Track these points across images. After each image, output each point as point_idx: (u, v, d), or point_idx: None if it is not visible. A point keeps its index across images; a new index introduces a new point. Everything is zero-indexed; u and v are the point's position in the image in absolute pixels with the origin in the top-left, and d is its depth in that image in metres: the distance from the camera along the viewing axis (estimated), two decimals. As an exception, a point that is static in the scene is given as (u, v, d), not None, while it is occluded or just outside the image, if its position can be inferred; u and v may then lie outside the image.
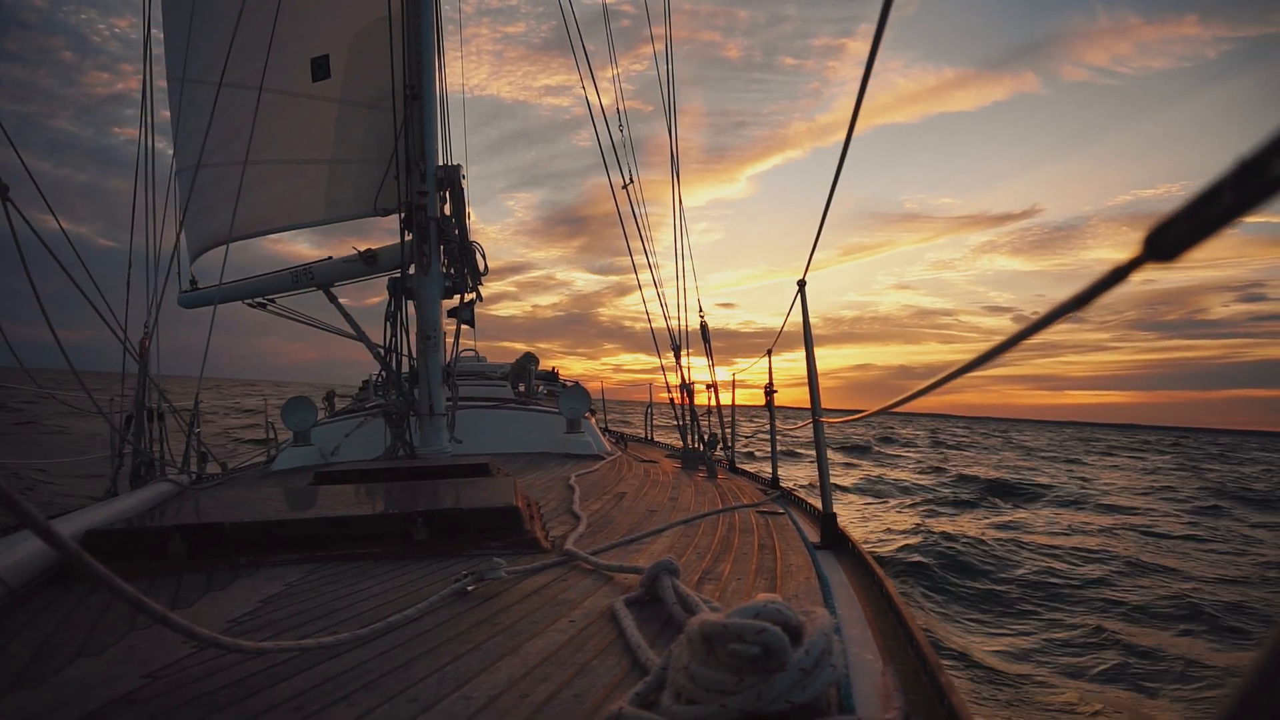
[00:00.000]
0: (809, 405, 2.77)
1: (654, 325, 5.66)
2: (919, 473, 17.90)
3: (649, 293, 5.74)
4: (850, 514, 10.81)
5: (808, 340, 2.82)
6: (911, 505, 12.23)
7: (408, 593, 1.87)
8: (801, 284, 2.84)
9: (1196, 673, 4.93)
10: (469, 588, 1.83)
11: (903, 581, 6.80)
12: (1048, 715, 4.31)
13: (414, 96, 5.02)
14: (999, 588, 7.00)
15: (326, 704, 1.21)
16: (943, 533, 8.95)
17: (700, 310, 6.25)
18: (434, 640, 1.51)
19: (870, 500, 12.87)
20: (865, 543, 4.38)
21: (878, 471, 17.46)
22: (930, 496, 13.38)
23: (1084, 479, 18.59)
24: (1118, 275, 0.42)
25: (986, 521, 10.76)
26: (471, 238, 5.45)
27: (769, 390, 4.42)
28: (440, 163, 5.30)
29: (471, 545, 2.34)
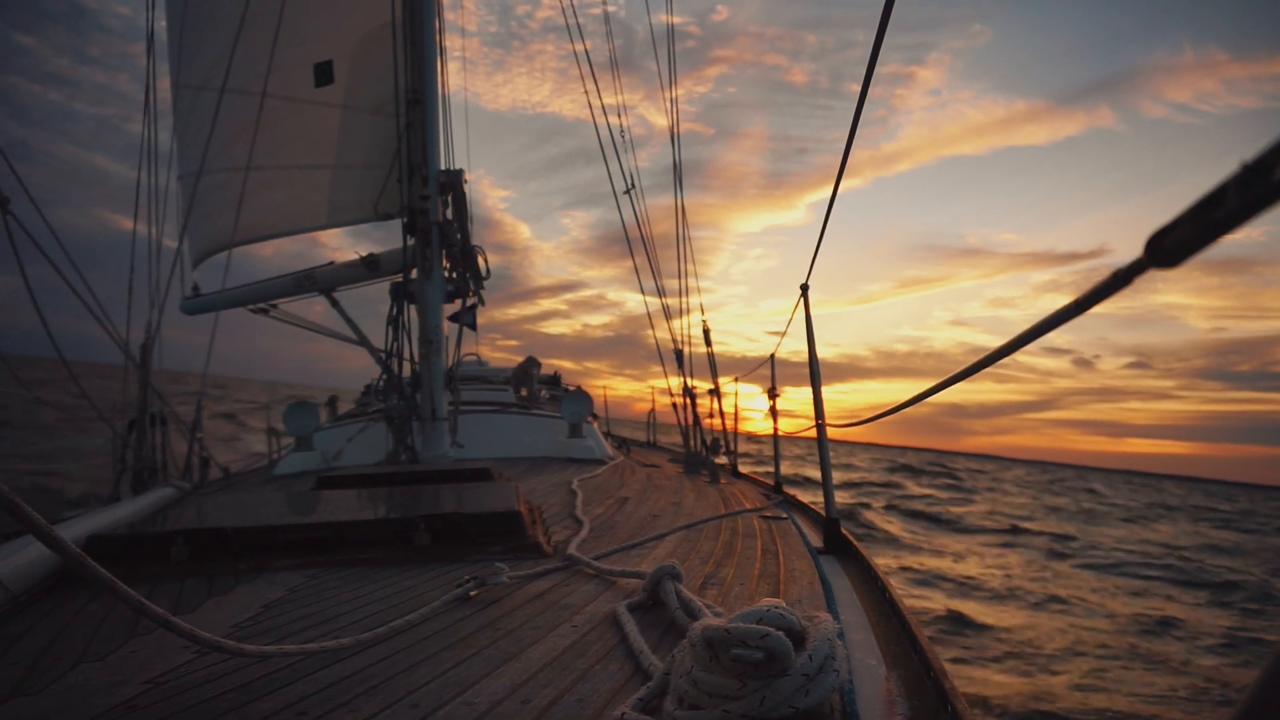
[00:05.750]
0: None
1: (659, 337, 5.69)
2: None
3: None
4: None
5: (810, 347, 2.82)
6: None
7: (410, 598, 1.87)
8: (804, 288, 2.84)
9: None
10: (471, 593, 1.83)
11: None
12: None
13: (416, 101, 5.04)
14: None
15: (328, 709, 1.20)
16: None
17: (702, 313, 6.28)
18: (436, 645, 1.50)
19: None
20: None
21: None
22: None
23: None
24: (1119, 280, 0.42)
25: None
26: (473, 242, 5.46)
27: (772, 394, 4.42)
28: (443, 167, 5.32)
29: (473, 550, 2.34)
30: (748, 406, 5.75)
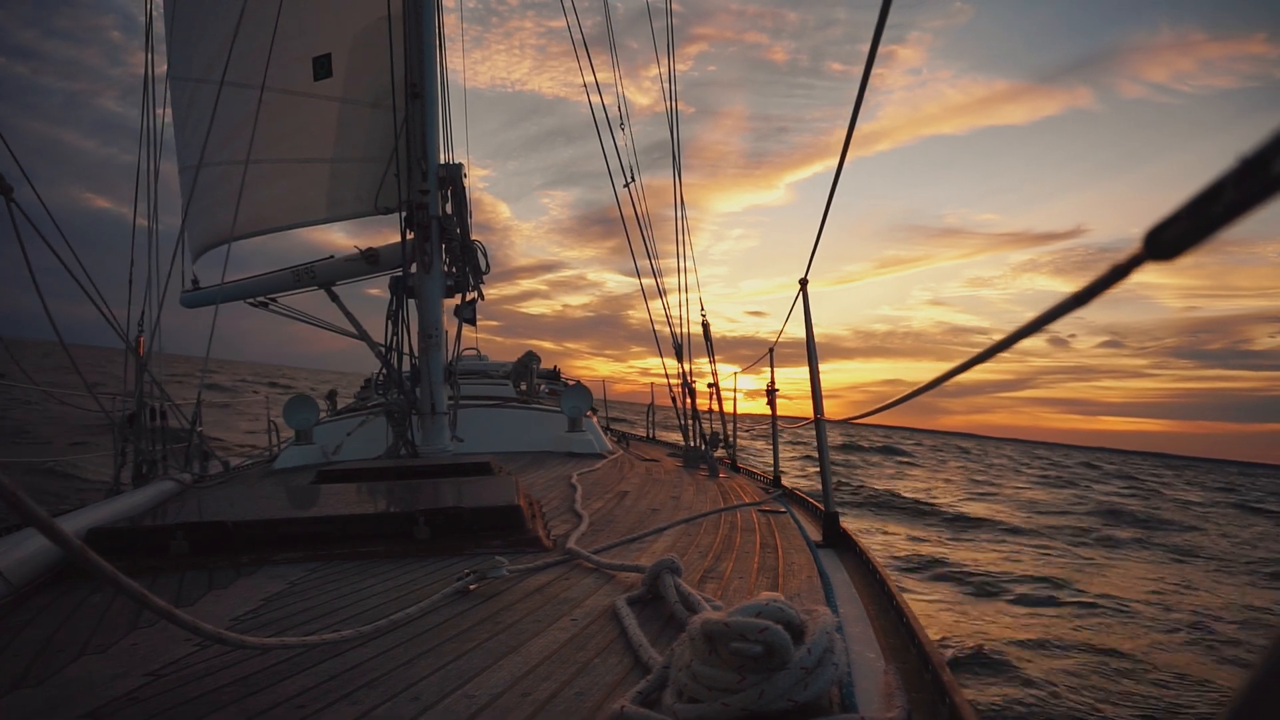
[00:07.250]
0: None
1: (656, 326, 5.68)
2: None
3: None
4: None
5: (809, 340, 2.82)
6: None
7: (410, 591, 1.87)
8: (803, 283, 2.84)
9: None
10: (471, 586, 1.84)
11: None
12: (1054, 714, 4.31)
13: (415, 95, 5.02)
14: None
15: (329, 702, 1.21)
16: None
17: (702, 309, 6.27)
18: (436, 639, 1.51)
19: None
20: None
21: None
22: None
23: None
24: (1117, 274, 0.42)
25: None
26: (473, 237, 5.45)
27: (771, 390, 4.42)
28: (442, 161, 5.31)
29: (473, 544, 2.35)
30: (743, 387, 5.83)
